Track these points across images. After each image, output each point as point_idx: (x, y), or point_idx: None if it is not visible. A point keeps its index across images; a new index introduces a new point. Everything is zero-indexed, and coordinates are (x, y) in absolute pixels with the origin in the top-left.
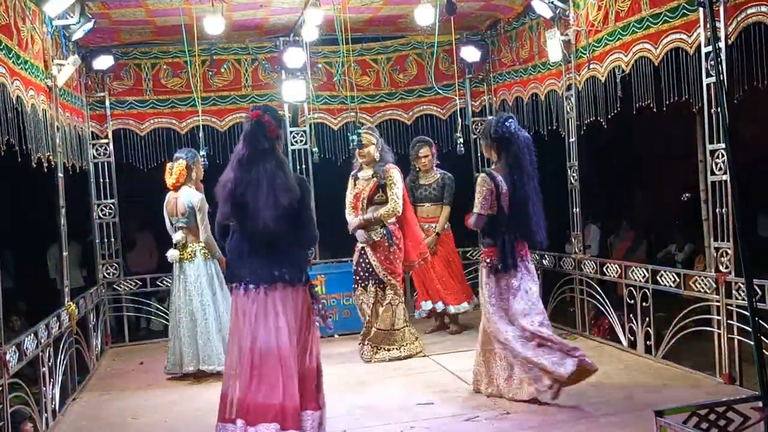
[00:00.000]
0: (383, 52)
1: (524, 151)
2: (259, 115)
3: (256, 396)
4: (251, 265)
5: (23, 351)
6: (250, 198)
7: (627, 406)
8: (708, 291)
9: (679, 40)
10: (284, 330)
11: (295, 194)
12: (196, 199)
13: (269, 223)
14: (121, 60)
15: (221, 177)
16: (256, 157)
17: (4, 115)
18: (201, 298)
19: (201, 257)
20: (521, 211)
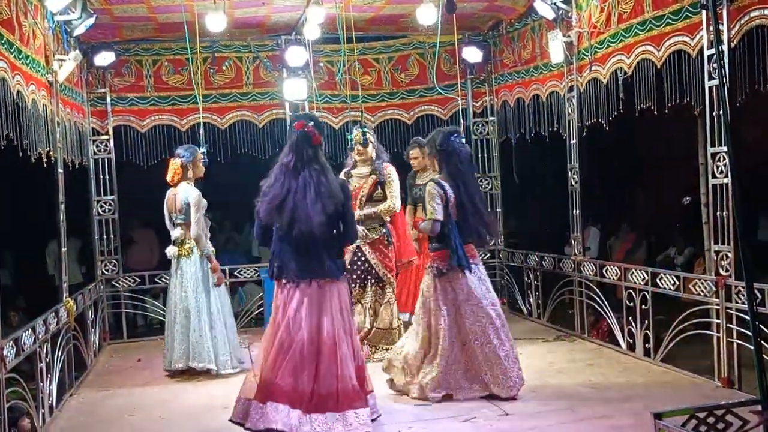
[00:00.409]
0: (385, 52)
1: (464, 163)
2: (304, 125)
3: (306, 384)
4: (296, 263)
5: (21, 346)
6: (297, 202)
7: (625, 408)
8: (708, 294)
9: (682, 42)
10: (330, 320)
11: (340, 199)
12: (192, 196)
13: (316, 227)
14: (123, 56)
15: (265, 182)
16: (301, 164)
17: (4, 110)
18: (196, 295)
19: (198, 254)
20: (469, 216)
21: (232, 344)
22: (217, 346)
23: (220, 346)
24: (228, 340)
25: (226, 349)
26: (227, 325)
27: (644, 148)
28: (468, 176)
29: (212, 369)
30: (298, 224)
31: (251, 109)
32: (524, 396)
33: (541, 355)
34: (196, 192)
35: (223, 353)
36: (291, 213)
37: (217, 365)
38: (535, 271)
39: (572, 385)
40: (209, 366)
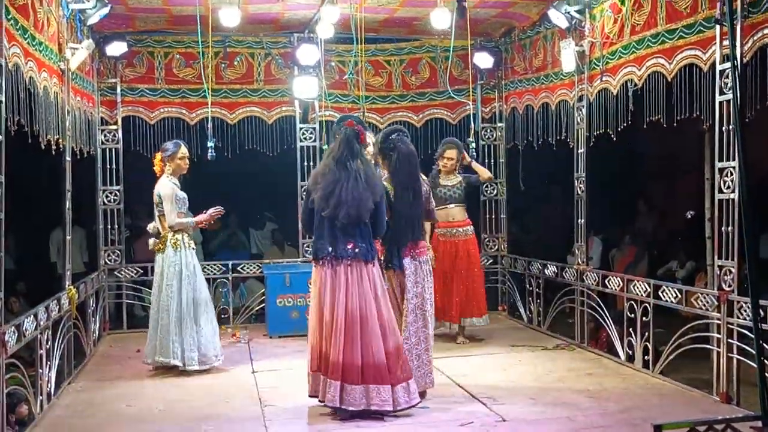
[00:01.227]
0: (396, 54)
1: (403, 162)
2: (354, 124)
3: (347, 357)
4: (333, 246)
5: (22, 332)
6: (349, 189)
7: (623, 419)
8: (709, 309)
9: (694, 56)
10: (361, 299)
11: (381, 192)
12: (163, 189)
13: (365, 212)
14: (135, 47)
15: (315, 170)
16: (349, 157)
17: (16, 95)
18: (168, 290)
19: (171, 247)
20: (401, 216)
21: (200, 341)
22: (185, 342)
23: (188, 340)
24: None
25: (194, 345)
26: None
27: (649, 161)
28: (403, 176)
29: (177, 365)
30: (346, 208)
31: (261, 105)
32: (523, 402)
33: (541, 363)
34: (170, 185)
35: (190, 349)
36: (339, 198)
37: (183, 361)
38: (537, 279)
39: (570, 394)
40: (174, 362)
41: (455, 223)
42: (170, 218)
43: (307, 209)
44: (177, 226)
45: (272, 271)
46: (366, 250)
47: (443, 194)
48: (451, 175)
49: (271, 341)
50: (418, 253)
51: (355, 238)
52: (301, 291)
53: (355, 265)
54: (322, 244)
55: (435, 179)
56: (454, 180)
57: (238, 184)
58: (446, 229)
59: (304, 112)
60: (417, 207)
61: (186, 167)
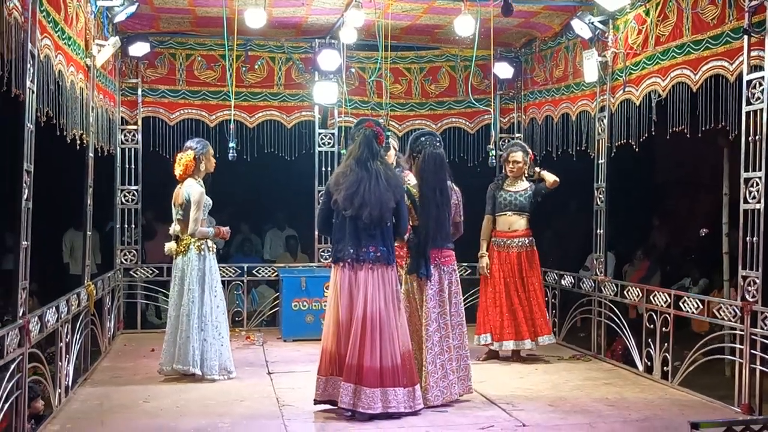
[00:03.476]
0: (417, 62)
1: (429, 163)
2: (373, 126)
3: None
4: (354, 248)
5: (44, 323)
6: (371, 189)
7: (644, 427)
8: (732, 319)
9: (721, 67)
10: (379, 301)
11: (402, 192)
12: (194, 192)
13: (387, 212)
14: (157, 48)
15: (336, 171)
16: (369, 158)
17: (45, 87)
18: (189, 295)
19: (195, 251)
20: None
21: (221, 351)
22: (206, 350)
23: (209, 349)
24: (218, 345)
25: (216, 354)
26: (220, 329)
27: (664, 177)
28: (429, 178)
29: (197, 373)
30: (369, 209)
31: (280, 109)
32: (542, 409)
33: (557, 372)
34: (200, 189)
35: (212, 357)
36: (362, 198)
37: (203, 370)
38: (552, 290)
39: (590, 402)
40: (193, 370)
41: (511, 233)
42: (193, 226)
43: (326, 209)
44: (198, 234)
45: (288, 274)
46: (387, 253)
47: (503, 200)
48: (518, 181)
49: (285, 344)
50: (443, 261)
51: (377, 242)
52: (316, 295)
53: (376, 269)
54: (343, 246)
55: (499, 184)
56: (519, 186)
57: (252, 189)
58: (501, 239)
59: (323, 117)
60: (443, 211)
61: (214, 164)
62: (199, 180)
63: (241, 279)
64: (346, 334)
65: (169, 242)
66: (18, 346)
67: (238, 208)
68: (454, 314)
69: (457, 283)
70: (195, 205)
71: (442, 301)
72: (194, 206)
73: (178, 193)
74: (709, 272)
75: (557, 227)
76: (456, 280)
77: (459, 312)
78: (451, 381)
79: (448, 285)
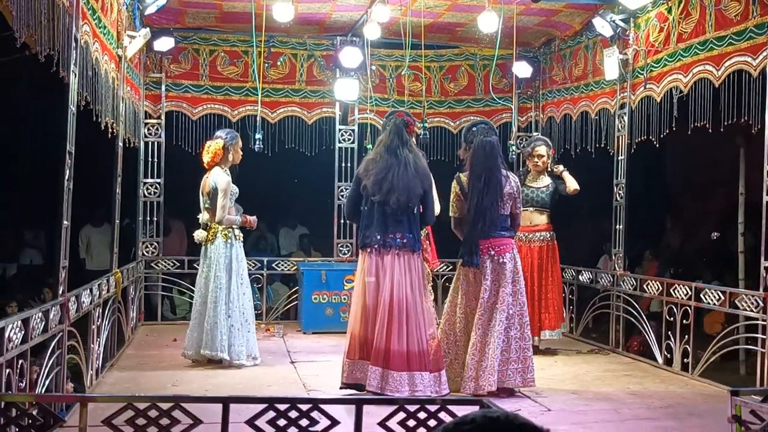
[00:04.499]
0: (437, 60)
1: (479, 151)
2: (403, 115)
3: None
4: (381, 235)
5: (80, 304)
6: (399, 176)
7: (668, 413)
8: (754, 310)
9: (744, 62)
10: (406, 288)
11: (429, 181)
12: (221, 181)
13: (414, 198)
14: (181, 44)
15: (366, 158)
16: (399, 145)
17: (84, 73)
18: (216, 282)
19: (222, 239)
20: (480, 215)
21: (248, 337)
22: (233, 336)
23: (237, 335)
24: (245, 332)
25: (243, 340)
26: (247, 316)
27: (676, 178)
28: (478, 167)
29: (224, 359)
30: (396, 195)
31: (302, 105)
32: (565, 397)
33: (577, 364)
34: (226, 177)
35: (239, 343)
36: (390, 184)
37: (231, 355)
38: (570, 285)
39: (612, 391)
40: (221, 355)
41: (532, 227)
42: (221, 213)
43: (356, 194)
44: (225, 222)
45: (308, 268)
46: (413, 240)
47: (525, 196)
48: (540, 177)
49: (305, 336)
50: (497, 251)
51: (404, 228)
52: (336, 288)
53: (402, 255)
54: (371, 232)
55: (521, 179)
56: (541, 183)
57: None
58: (522, 233)
59: (343, 114)
60: (492, 200)
61: (241, 156)
62: (225, 169)
63: (260, 272)
64: (373, 319)
65: (198, 230)
66: (59, 323)
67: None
68: (513, 304)
69: (514, 273)
70: (222, 192)
71: (495, 291)
72: (221, 194)
73: (206, 182)
74: (720, 274)
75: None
76: (513, 270)
77: (518, 302)
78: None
79: (503, 274)
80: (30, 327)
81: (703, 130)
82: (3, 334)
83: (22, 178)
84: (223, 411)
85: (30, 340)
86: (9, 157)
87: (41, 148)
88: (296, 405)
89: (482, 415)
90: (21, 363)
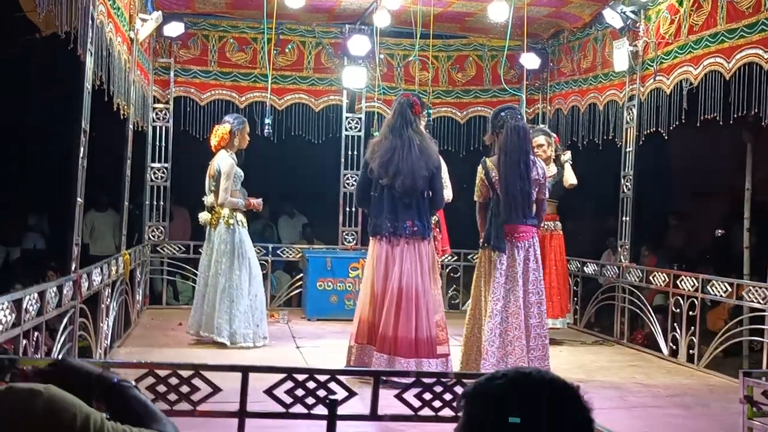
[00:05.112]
0: (445, 50)
1: (512, 136)
2: (409, 96)
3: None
4: (390, 222)
5: (91, 281)
6: (404, 157)
7: (674, 402)
8: (761, 302)
9: (755, 55)
10: (415, 275)
11: (436, 162)
12: (224, 164)
13: (419, 180)
14: (190, 29)
15: (372, 140)
16: (403, 126)
17: (100, 53)
18: (217, 266)
19: (224, 225)
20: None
21: (258, 318)
22: (235, 319)
23: (240, 319)
24: (252, 313)
25: (247, 323)
26: (257, 297)
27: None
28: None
29: (221, 341)
30: (402, 177)
31: (309, 93)
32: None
33: (582, 354)
34: (230, 161)
35: (244, 326)
36: (396, 167)
37: (231, 338)
38: (575, 277)
39: (618, 380)
40: (218, 339)
41: None
42: (223, 195)
43: (365, 180)
44: (228, 204)
45: (313, 255)
46: (423, 227)
47: None
48: (547, 167)
49: (309, 323)
50: (516, 237)
51: (414, 215)
52: (341, 276)
53: (412, 243)
54: (381, 220)
55: None
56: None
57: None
58: None
59: (350, 102)
60: (523, 183)
61: (248, 142)
62: (231, 153)
63: (265, 259)
64: (380, 305)
65: (203, 213)
66: (71, 299)
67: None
68: (532, 292)
69: (534, 260)
70: (225, 175)
71: (512, 277)
72: (224, 176)
73: (212, 166)
74: (723, 271)
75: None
76: (533, 258)
77: (537, 290)
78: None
79: (523, 261)
80: (45, 300)
81: (709, 126)
82: (21, 305)
83: (30, 161)
84: (242, 380)
85: (45, 313)
86: (17, 141)
87: (50, 131)
88: (314, 375)
89: (514, 370)
90: (37, 335)
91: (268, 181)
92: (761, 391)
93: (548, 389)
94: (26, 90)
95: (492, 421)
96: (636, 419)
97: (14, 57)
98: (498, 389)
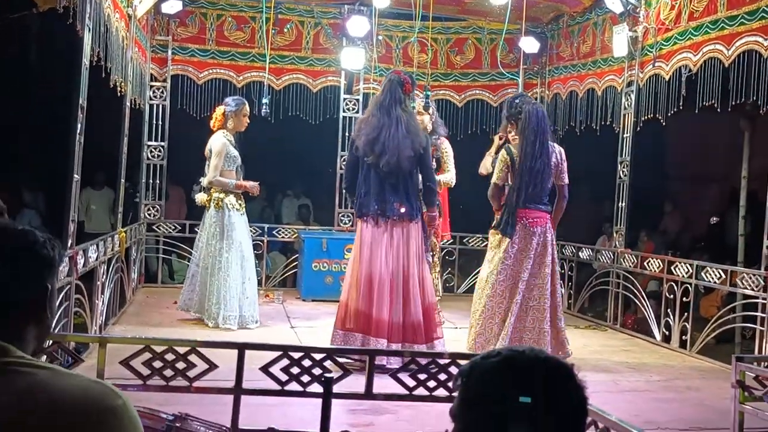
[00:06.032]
0: (444, 32)
1: (531, 119)
2: (400, 73)
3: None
4: (378, 203)
5: (87, 258)
6: (391, 135)
7: (666, 386)
8: (755, 288)
9: (755, 42)
10: (404, 258)
11: (422, 141)
12: (215, 144)
13: (405, 160)
14: (189, 7)
15: (359, 118)
16: (392, 104)
17: (97, 28)
18: (208, 248)
19: (214, 206)
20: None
21: (249, 303)
22: (222, 303)
23: (229, 302)
24: (241, 298)
25: (234, 307)
26: (249, 280)
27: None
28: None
29: (209, 324)
30: (387, 156)
31: (307, 73)
32: None
33: (575, 339)
34: (223, 140)
35: (232, 310)
36: (383, 145)
37: (217, 320)
38: (569, 262)
39: (611, 365)
40: (207, 321)
41: None
42: (212, 173)
43: (352, 159)
44: (216, 183)
45: (309, 235)
46: (412, 209)
47: None
48: None
49: (304, 303)
50: (530, 222)
51: (401, 197)
52: (336, 257)
53: (400, 225)
54: (368, 200)
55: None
56: None
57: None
58: None
59: (348, 83)
60: (543, 166)
61: (245, 125)
62: (226, 134)
63: (261, 239)
64: (368, 290)
65: (199, 193)
66: (67, 275)
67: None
68: (542, 276)
69: (546, 246)
70: (215, 155)
71: (520, 260)
72: (214, 155)
73: (207, 146)
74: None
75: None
76: (547, 243)
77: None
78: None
79: (536, 246)
80: None
81: (706, 114)
82: None
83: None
84: (239, 356)
85: None
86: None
87: (47, 108)
88: (310, 354)
89: (508, 349)
90: None
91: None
92: (753, 376)
93: (543, 368)
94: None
95: (487, 399)
96: (628, 403)
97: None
98: (493, 367)
